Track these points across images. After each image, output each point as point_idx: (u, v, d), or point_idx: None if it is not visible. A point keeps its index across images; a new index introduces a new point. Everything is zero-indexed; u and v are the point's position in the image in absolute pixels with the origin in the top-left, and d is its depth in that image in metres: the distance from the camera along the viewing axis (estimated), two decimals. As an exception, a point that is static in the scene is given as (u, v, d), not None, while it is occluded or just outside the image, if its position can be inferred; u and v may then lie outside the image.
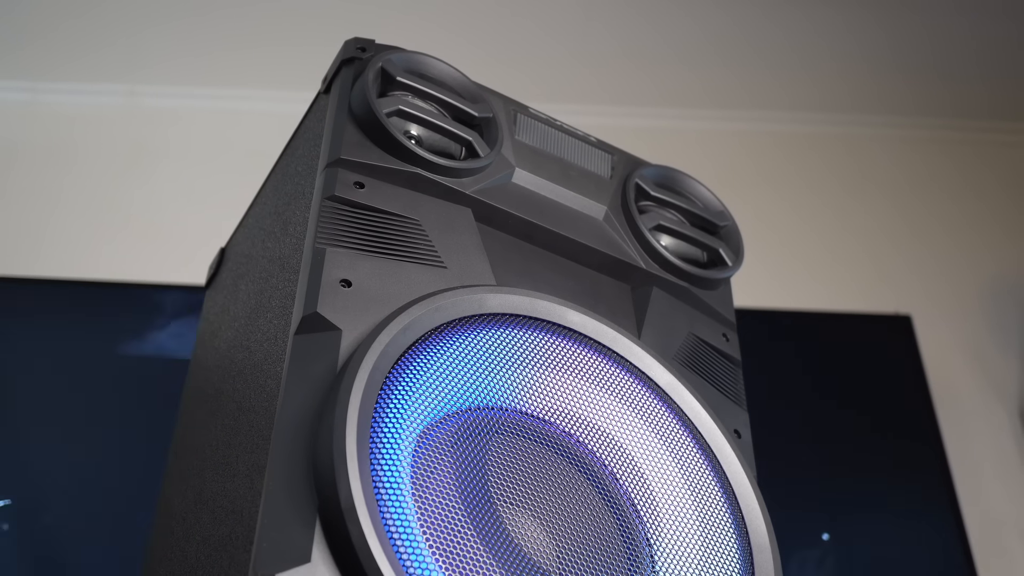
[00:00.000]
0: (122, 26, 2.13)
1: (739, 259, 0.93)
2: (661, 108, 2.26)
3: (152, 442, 1.70)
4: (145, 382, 1.78)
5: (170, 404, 1.65)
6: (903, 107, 2.29)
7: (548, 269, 0.85)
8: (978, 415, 1.95)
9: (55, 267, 1.94)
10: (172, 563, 0.80)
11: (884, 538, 1.76)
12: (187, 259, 1.95)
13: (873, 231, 2.18)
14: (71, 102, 2.20)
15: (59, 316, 1.87)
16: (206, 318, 1.02)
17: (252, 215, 0.99)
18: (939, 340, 2.01)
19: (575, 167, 0.91)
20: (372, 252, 0.75)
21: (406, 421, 0.67)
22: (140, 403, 1.76)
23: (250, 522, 0.66)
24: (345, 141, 0.80)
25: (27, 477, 1.66)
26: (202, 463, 0.83)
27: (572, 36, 2.17)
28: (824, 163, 2.27)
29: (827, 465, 1.83)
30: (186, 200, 2.08)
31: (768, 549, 0.75)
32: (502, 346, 0.75)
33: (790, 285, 2.05)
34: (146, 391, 1.77)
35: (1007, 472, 1.88)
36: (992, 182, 2.28)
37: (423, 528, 0.63)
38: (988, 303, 2.09)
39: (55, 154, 2.14)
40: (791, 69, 2.21)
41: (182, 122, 2.20)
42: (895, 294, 2.07)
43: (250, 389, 0.77)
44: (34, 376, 1.77)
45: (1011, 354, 2.02)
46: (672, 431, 0.78)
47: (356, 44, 0.88)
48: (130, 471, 1.66)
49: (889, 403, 1.92)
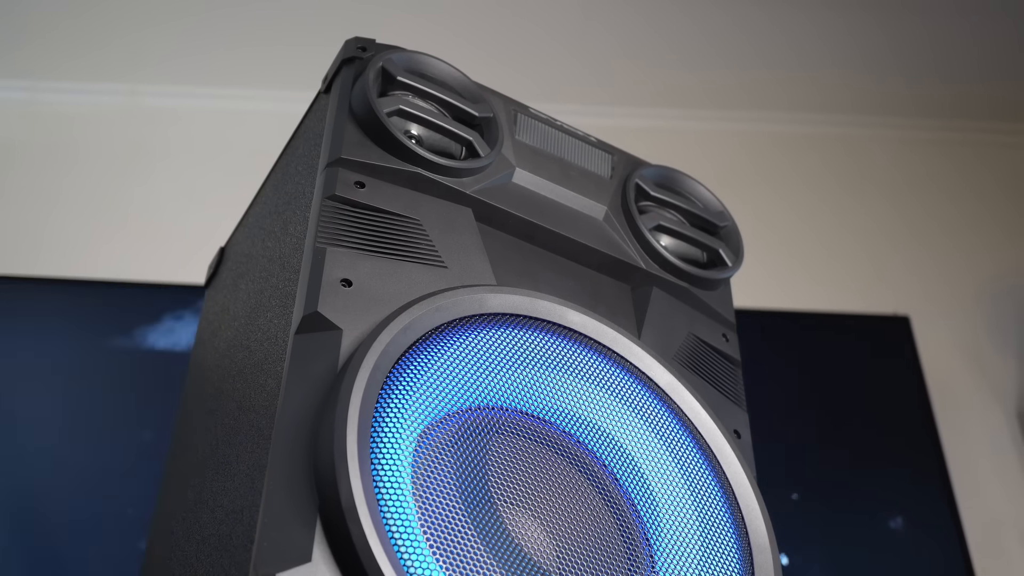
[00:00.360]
0: (122, 26, 2.13)
1: (739, 259, 0.93)
2: (660, 108, 2.26)
3: (150, 440, 1.70)
4: (140, 380, 1.78)
5: (167, 402, 1.65)
6: (903, 108, 2.30)
7: (548, 269, 0.85)
8: (976, 416, 1.95)
9: (54, 266, 1.94)
10: (172, 563, 0.80)
11: (882, 538, 1.76)
12: (185, 259, 1.95)
13: (872, 232, 2.18)
14: (71, 101, 2.20)
15: (58, 315, 1.87)
16: (206, 317, 1.02)
17: (252, 214, 0.99)
18: (938, 341, 2.01)
19: (575, 167, 0.91)
20: (373, 252, 0.75)
21: (407, 421, 0.67)
22: (138, 401, 1.76)
23: (250, 521, 0.66)
24: (346, 141, 0.80)
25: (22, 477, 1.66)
26: (202, 462, 0.83)
27: (571, 35, 2.17)
28: (823, 164, 2.27)
29: (824, 466, 1.83)
30: (186, 200, 2.08)
31: (768, 550, 0.75)
32: (503, 346, 0.75)
33: (788, 285, 2.05)
34: (143, 389, 1.77)
35: (1005, 473, 1.89)
36: (991, 183, 2.28)
37: (424, 528, 0.63)
38: (987, 304, 2.09)
39: (55, 153, 2.14)
40: (791, 69, 2.21)
41: (182, 122, 2.20)
42: (894, 295, 2.07)
43: (250, 388, 0.77)
44: (32, 375, 1.77)
45: (1009, 355, 2.02)
46: (672, 431, 0.78)
47: (357, 44, 0.88)
48: (121, 470, 1.66)
49: (887, 404, 1.92)
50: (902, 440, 1.87)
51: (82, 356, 1.80)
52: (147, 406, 1.74)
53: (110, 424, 1.73)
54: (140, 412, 1.74)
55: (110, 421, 1.73)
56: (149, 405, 1.74)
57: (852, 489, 1.82)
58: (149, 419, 1.71)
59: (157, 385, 1.75)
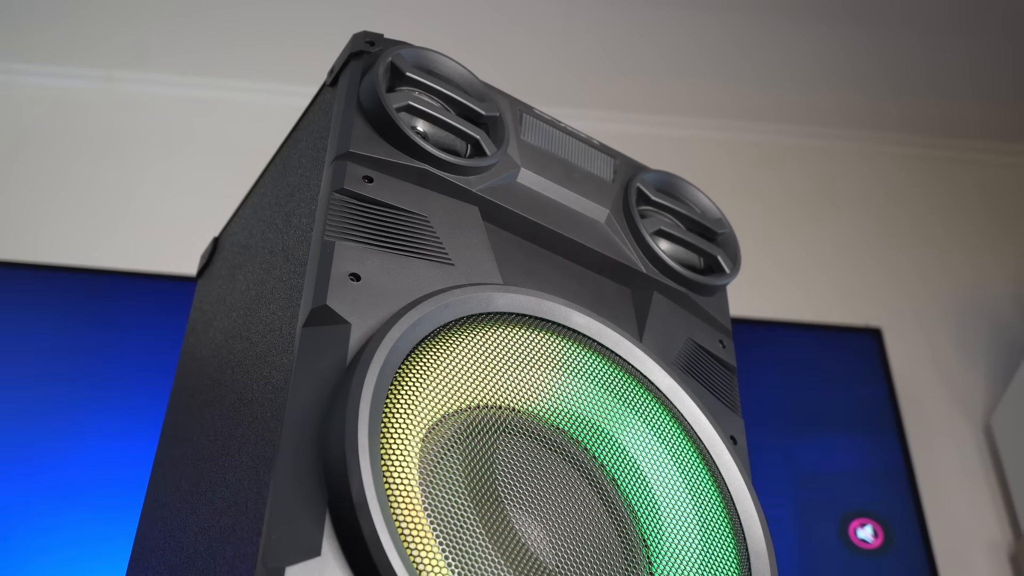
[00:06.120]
0: (103, 12, 2.11)
1: (736, 266, 0.94)
2: (643, 114, 2.27)
3: (130, 431, 1.69)
4: (124, 368, 1.77)
5: (145, 391, 1.63)
6: (889, 123, 2.32)
7: (552, 269, 0.85)
8: (945, 428, 1.97)
9: (16, 250, 1.92)
10: (167, 552, 0.79)
11: (850, 549, 1.77)
12: (159, 247, 1.94)
13: (848, 243, 2.20)
14: (48, 85, 2.18)
15: (27, 302, 1.85)
16: (198, 308, 1.01)
17: (249, 205, 0.98)
18: (909, 354, 2.04)
19: (578, 169, 0.91)
20: (381, 247, 0.75)
21: (416, 417, 0.67)
22: (113, 386, 1.74)
23: (256, 514, 0.65)
24: (354, 135, 0.80)
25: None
26: (197, 453, 0.82)
27: (556, 40, 2.17)
28: (806, 175, 2.29)
29: (792, 475, 1.84)
30: (168, 189, 2.06)
31: (765, 555, 0.76)
32: (509, 345, 0.75)
33: (763, 294, 2.07)
34: (125, 376, 1.75)
35: (972, 485, 1.91)
36: (969, 200, 2.31)
37: (433, 524, 0.63)
38: (958, 319, 2.12)
39: (29, 138, 2.11)
40: (778, 80, 2.23)
41: (159, 110, 2.18)
42: (867, 307, 2.09)
43: (252, 380, 0.76)
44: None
45: (978, 370, 2.05)
46: (673, 435, 0.79)
47: (365, 38, 0.88)
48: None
49: (857, 414, 1.94)
50: (871, 450, 1.89)
51: (52, 343, 1.79)
52: (119, 391, 1.73)
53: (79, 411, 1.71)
54: (114, 396, 1.72)
55: (77, 407, 1.72)
56: (122, 390, 1.73)
57: (821, 498, 1.83)
58: (120, 405, 1.70)
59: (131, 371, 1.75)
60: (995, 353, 2.07)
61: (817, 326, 2.03)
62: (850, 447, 1.90)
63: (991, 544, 1.84)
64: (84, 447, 1.67)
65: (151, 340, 1.79)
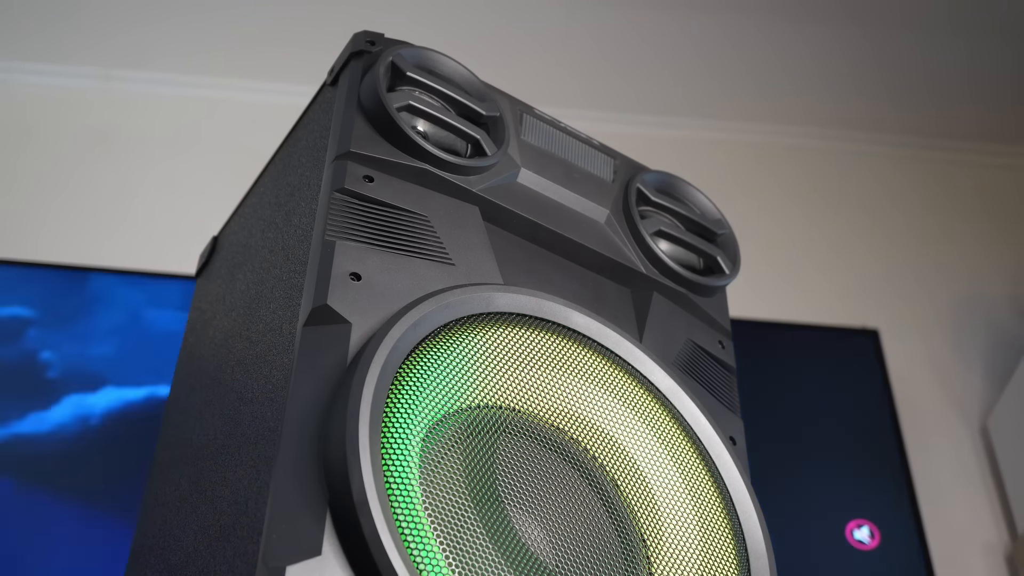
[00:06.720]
0: (103, 11, 2.10)
1: (736, 267, 0.94)
2: (639, 115, 2.27)
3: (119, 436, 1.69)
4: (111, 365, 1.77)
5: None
6: (886, 125, 2.32)
7: (552, 270, 0.85)
8: (941, 430, 1.98)
9: (17, 250, 1.91)
10: (166, 551, 0.79)
11: (847, 549, 1.78)
12: (159, 247, 1.94)
13: (845, 245, 2.20)
14: (48, 84, 2.17)
15: (21, 299, 1.85)
16: (197, 307, 1.01)
17: (249, 204, 0.98)
18: (906, 355, 2.04)
19: (578, 169, 0.91)
20: (381, 246, 0.75)
21: (416, 417, 0.67)
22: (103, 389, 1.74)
23: (256, 513, 0.66)
24: (355, 134, 0.80)
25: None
26: (197, 452, 0.82)
27: (555, 41, 2.17)
28: (803, 176, 2.29)
29: (789, 476, 1.85)
30: (169, 189, 2.06)
31: (764, 556, 0.76)
32: (509, 346, 0.75)
33: (759, 295, 2.07)
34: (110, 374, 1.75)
35: (968, 486, 1.91)
36: (966, 201, 2.31)
37: (433, 524, 0.63)
38: (955, 320, 2.12)
39: (30, 137, 2.11)
40: (775, 81, 2.23)
41: (154, 109, 2.18)
42: (864, 308, 2.09)
43: (252, 379, 0.76)
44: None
45: (975, 371, 2.05)
46: (672, 436, 0.79)
47: (365, 37, 0.88)
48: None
49: (854, 415, 1.94)
50: (868, 451, 1.89)
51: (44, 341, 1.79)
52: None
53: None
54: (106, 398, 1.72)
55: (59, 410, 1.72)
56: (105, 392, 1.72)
57: (817, 499, 1.83)
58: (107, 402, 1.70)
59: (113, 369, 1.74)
60: (992, 355, 2.07)
61: (814, 327, 2.03)
62: (847, 448, 1.90)
63: (987, 545, 1.84)
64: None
65: (151, 339, 1.79)
